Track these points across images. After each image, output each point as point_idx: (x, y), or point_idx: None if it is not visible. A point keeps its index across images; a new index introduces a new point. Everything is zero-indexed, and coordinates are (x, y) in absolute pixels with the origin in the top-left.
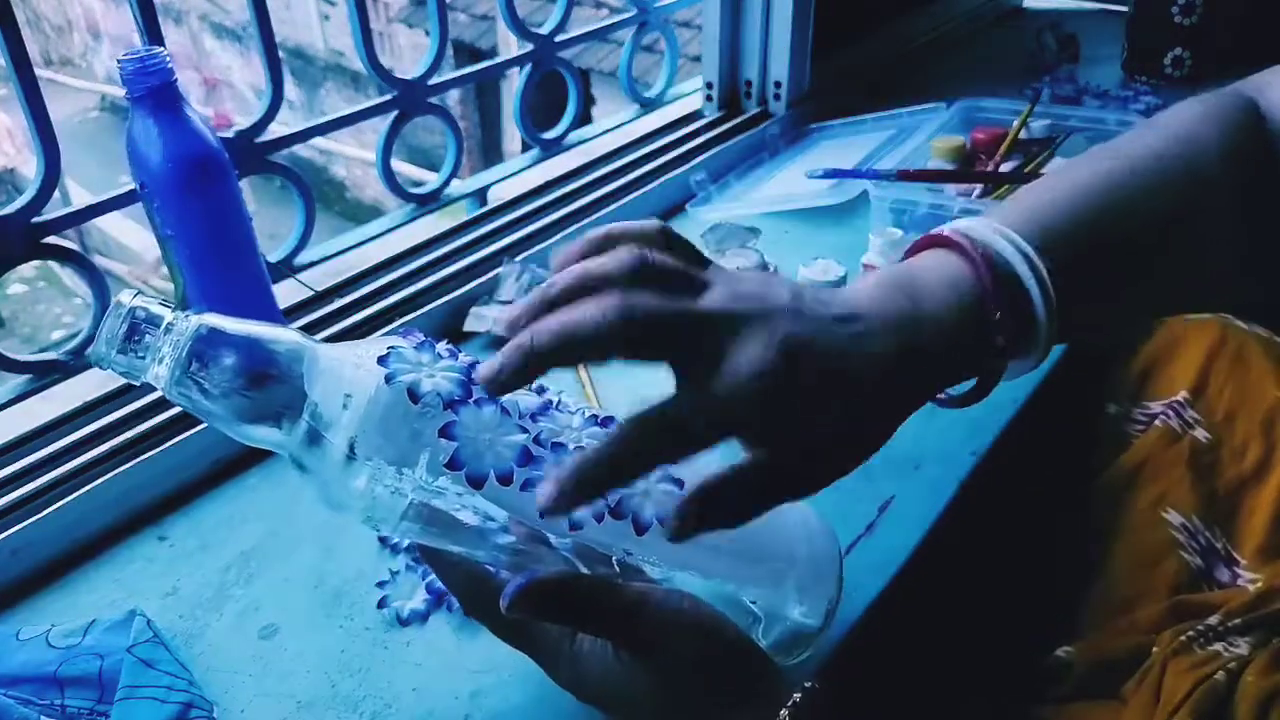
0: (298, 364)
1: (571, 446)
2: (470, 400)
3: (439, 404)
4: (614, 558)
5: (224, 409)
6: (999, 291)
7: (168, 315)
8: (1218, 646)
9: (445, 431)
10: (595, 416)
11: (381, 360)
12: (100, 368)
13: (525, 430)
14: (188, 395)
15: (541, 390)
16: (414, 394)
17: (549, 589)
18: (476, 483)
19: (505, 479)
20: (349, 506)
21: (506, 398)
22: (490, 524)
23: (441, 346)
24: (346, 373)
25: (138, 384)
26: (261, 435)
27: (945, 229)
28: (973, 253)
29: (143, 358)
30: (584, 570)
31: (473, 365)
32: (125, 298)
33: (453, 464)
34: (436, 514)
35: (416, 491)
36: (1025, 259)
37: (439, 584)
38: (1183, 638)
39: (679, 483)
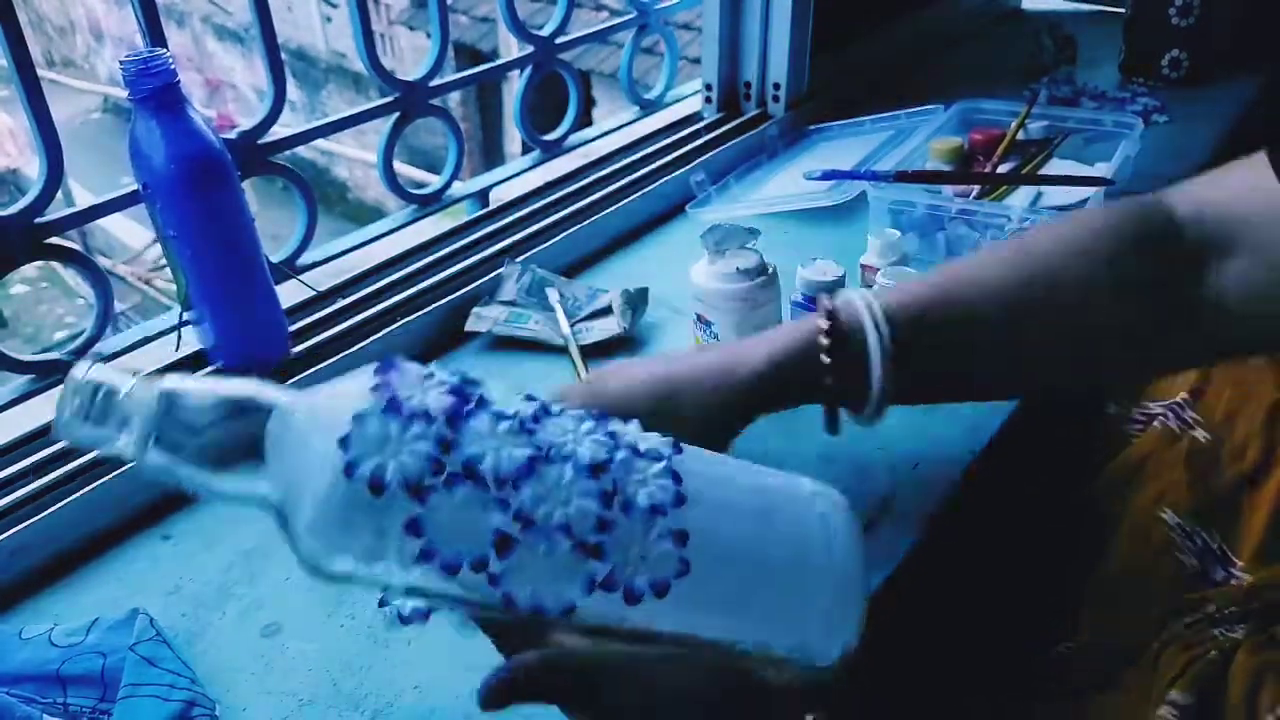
0: (265, 424)
1: (555, 517)
2: (443, 474)
3: (405, 492)
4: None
5: (197, 473)
6: (832, 340)
7: (126, 383)
8: (1214, 632)
9: (411, 527)
10: (580, 418)
11: (343, 441)
12: (69, 442)
13: (506, 502)
14: (157, 462)
15: (535, 418)
16: (376, 485)
17: (517, 683)
18: (450, 571)
19: (480, 566)
20: (330, 581)
21: (487, 459)
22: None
23: (431, 383)
24: (310, 449)
25: (106, 456)
26: (243, 495)
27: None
28: (824, 304)
29: (107, 428)
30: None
31: (460, 391)
32: (80, 370)
33: (424, 556)
34: (425, 591)
35: (392, 578)
36: (870, 314)
37: None
38: (1179, 627)
39: (680, 536)
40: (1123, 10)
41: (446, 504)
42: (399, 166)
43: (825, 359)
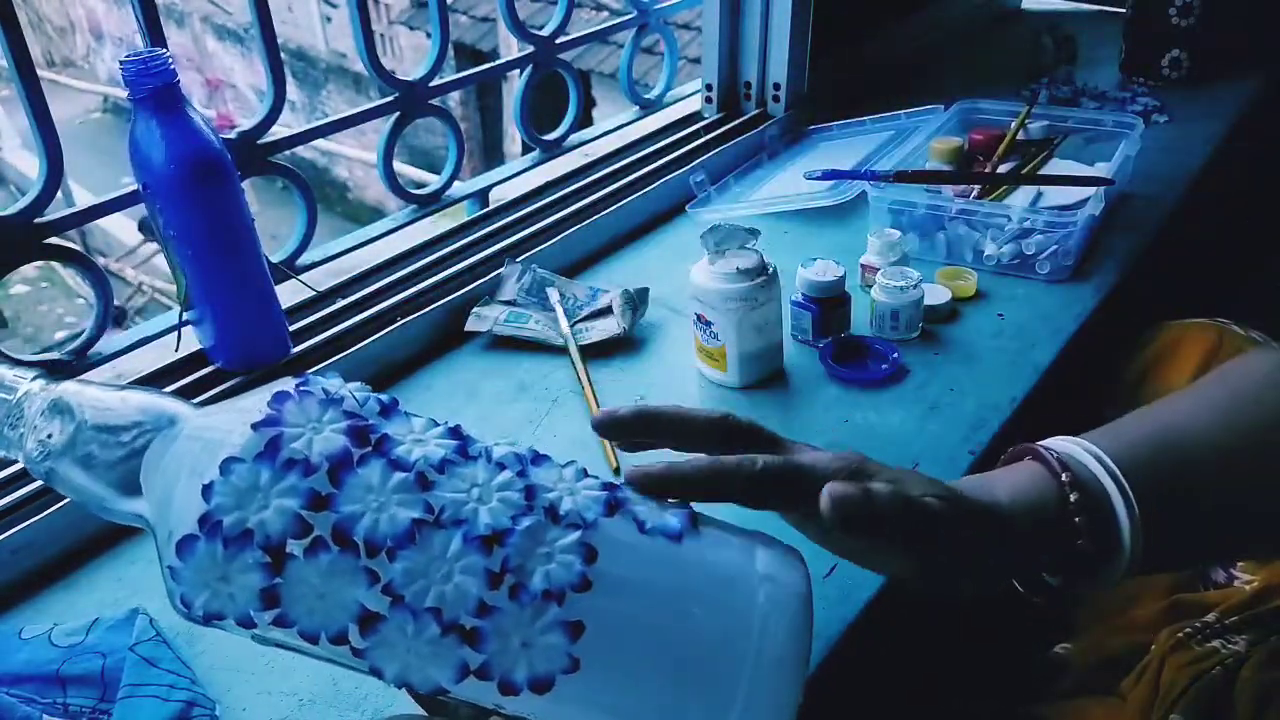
0: (153, 442)
1: (429, 595)
2: (309, 537)
3: (263, 554)
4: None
5: (92, 489)
6: (1079, 496)
7: (22, 386)
8: (1215, 644)
9: (266, 596)
10: (501, 463)
11: (206, 490)
12: None
13: (375, 574)
14: (51, 472)
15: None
16: (230, 544)
17: None
18: (309, 640)
19: (339, 640)
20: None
21: (363, 522)
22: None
23: (329, 416)
24: (178, 487)
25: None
26: (125, 515)
27: (1033, 445)
28: (1050, 460)
29: (4, 431)
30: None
31: (357, 430)
32: None
33: (280, 623)
34: (296, 649)
35: (255, 634)
36: (1105, 468)
37: None
38: (1180, 634)
39: (574, 628)
40: (1123, 10)
41: (308, 572)
42: (399, 166)
43: (1077, 519)
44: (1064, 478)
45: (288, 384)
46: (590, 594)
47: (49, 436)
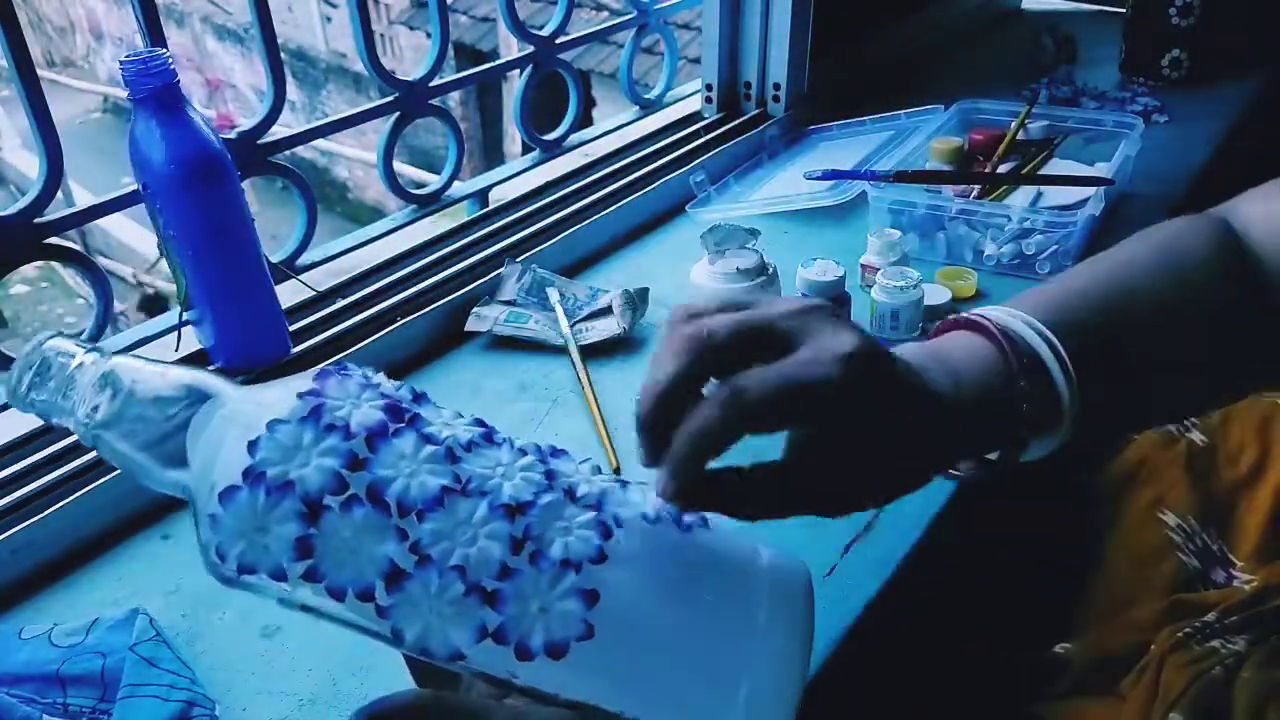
0: (197, 414)
1: (451, 559)
2: (345, 494)
3: (301, 506)
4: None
5: (136, 458)
6: (1022, 365)
7: (79, 356)
8: (1215, 643)
9: (300, 546)
10: (523, 450)
11: (252, 444)
12: (20, 409)
13: (405, 532)
14: (99, 439)
15: (467, 446)
16: (272, 495)
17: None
18: (336, 596)
19: (365, 596)
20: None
21: (396, 484)
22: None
23: (367, 395)
24: (224, 445)
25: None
26: (169, 483)
27: (966, 314)
28: (995, 333)
29: (59, 400)
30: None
31: (395, 408)
32: (43, 338)
33: (309, 576)
34: (319, 611)
35: (283, 592)
36: (1043, 339)
37: None
38: (1180, 634)
39: (590, 596)
40: (1123, 10)
41: (342, 526)
42: (399, 166)
43: (1022, 383)
44: (1005, 345)
45: (330, 368)
46: (605, 567)
47: (96, 409)
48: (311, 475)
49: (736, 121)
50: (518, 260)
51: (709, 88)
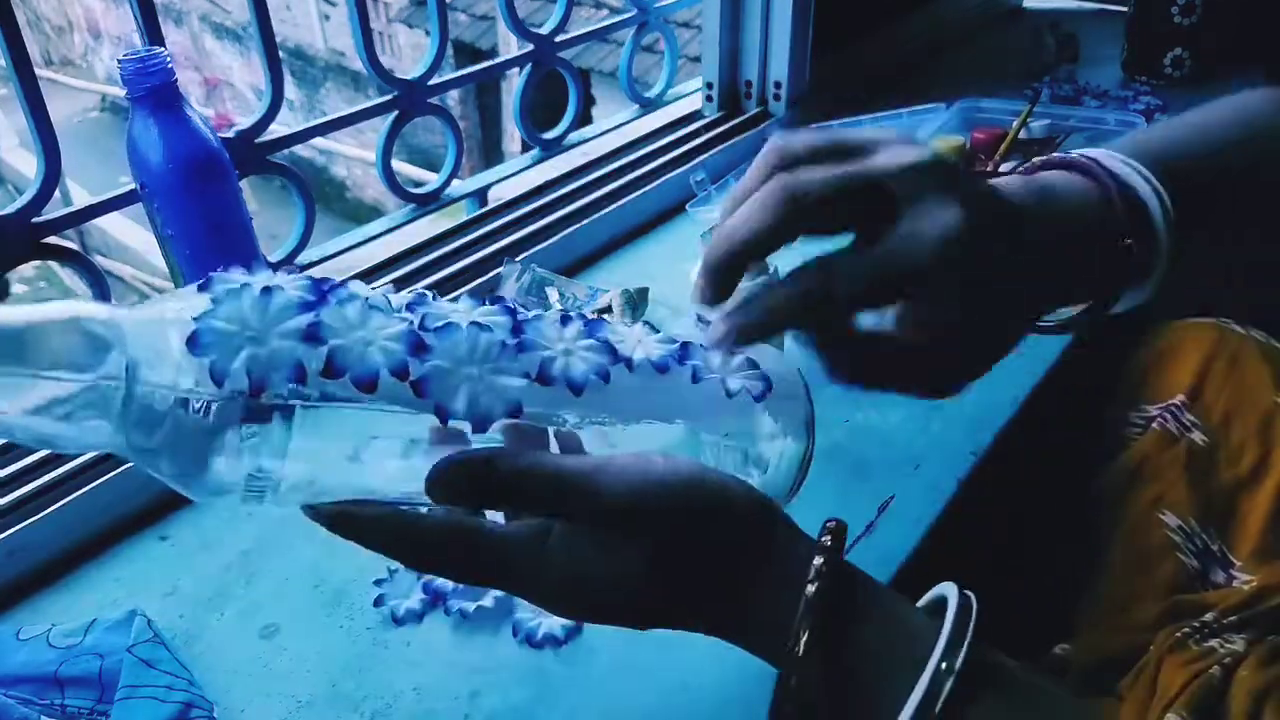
0: (103, 337)
1: (465, 324)
2: (328, 302)
3: (295, 308)
4: (551, 433)
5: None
6: (1124, 203)
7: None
8: (1213, 643)
9: (310, 333)
10: (482, 298)
11: (202, 286)
12: None
13: (411, 311)
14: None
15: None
16: (266, 292)
17: (474, 465)
18: (367, 386)
19: (400, 373)
20: (217, 484)
21: (372, 294)
22: (387, 441)
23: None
24: (167, 319)
25: None
26: (90, 440)
27: (1064, 154)
28: (1097, 171)
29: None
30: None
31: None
32: None
33: (331, 370)
34: (325, 461)
35: (287, 414)
36: (1143, 178)
37: (436, 584)
38: (1179, 634)
39: (608, 348)
40: (1125, 9)
41: (345, 315)
42: (398, 165)
43: (1123, 217)
44: (1108, 181)
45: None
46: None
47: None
48: (288, 289)
49: (737, 120)
50: (517, 259)
51: (709, 86)
